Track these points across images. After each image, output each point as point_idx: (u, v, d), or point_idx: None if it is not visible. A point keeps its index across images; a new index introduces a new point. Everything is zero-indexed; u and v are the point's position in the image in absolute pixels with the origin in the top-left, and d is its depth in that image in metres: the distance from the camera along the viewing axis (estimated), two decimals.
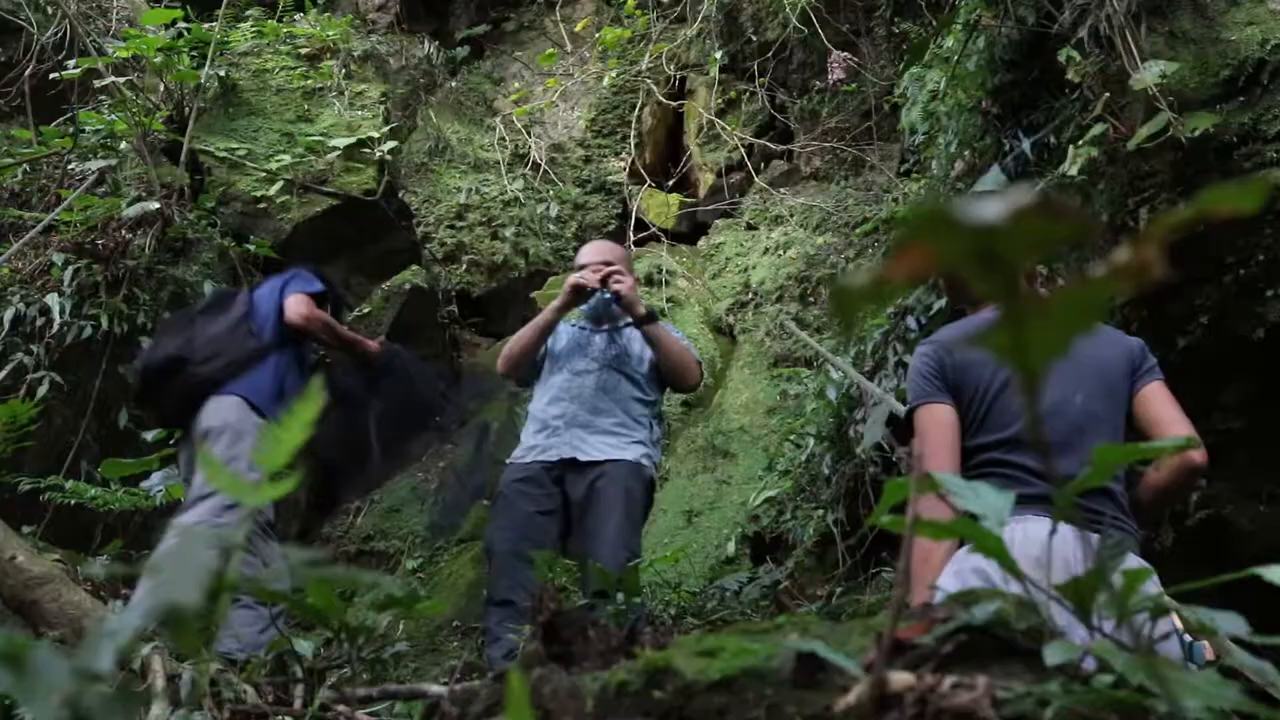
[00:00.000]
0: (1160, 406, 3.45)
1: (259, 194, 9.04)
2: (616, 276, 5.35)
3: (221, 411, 5.06)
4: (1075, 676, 1.12)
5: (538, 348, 5.59)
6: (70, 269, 7.43)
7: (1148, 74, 4.51)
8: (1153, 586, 3.16)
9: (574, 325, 5.66)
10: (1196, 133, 4.46)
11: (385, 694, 2.73)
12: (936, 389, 3.47)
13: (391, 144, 10.00)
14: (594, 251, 5.63)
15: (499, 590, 5.06)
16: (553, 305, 5.52)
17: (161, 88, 9.12)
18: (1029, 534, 3.08)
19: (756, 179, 12.33)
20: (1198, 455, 3.39)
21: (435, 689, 2.55)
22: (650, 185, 12.80)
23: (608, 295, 5.34)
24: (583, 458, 5.30)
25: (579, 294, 5.44)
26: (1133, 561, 3.05)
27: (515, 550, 5.04)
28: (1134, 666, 1.04)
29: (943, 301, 5.99)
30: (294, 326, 5.38)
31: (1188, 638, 3.08)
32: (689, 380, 5.62)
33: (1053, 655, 1.12)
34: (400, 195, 10.46)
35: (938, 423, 3.45)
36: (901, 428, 4.06)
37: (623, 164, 13.10)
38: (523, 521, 5.20)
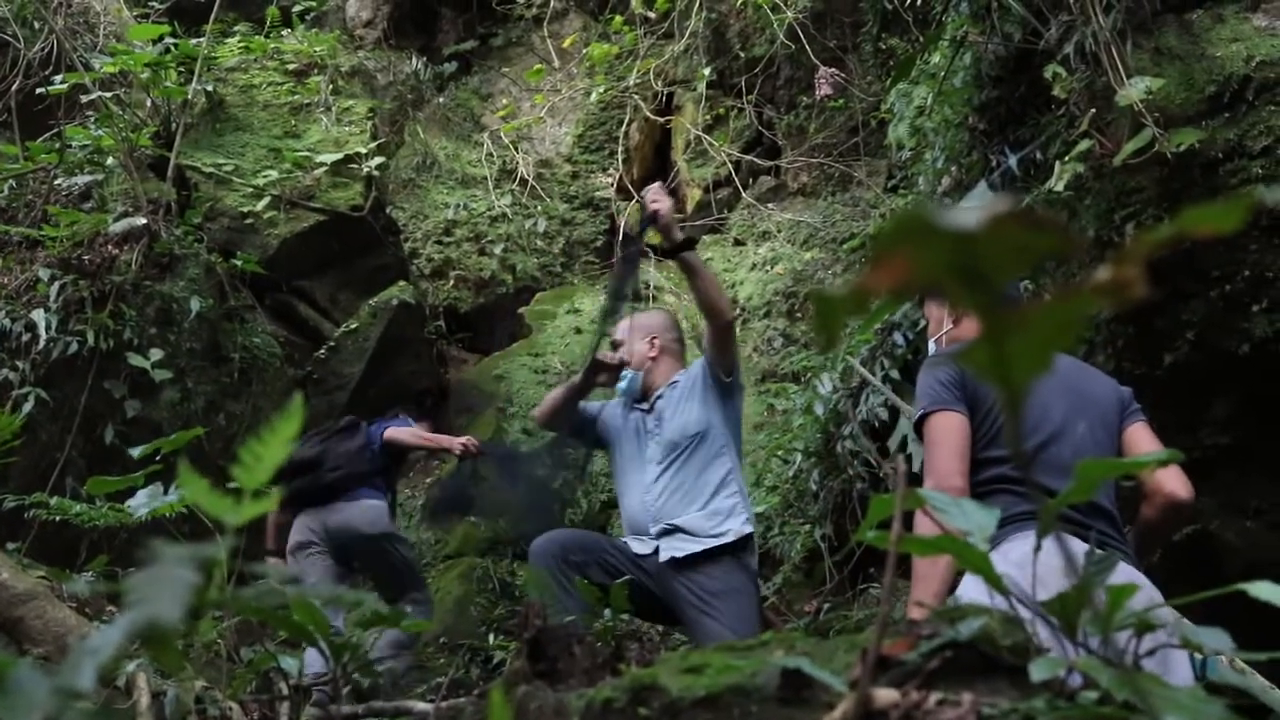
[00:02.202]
0: (1147, 445, 3.52)
1: (246, 209, 9.06)
2: (654, 196, 4.81)
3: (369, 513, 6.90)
4: (1061, 693, 1.11)
5: (568, 410, 5.20)
6: (56, 284, 7.41)
7: (1133, 90, 4.52)
8: (1154, 595, 3.18)
9: (624, 409, 5.22)
10: (1182, 148, 4.47)
11: (371, 711, 2.72)
12: (955, 397, 3.45)
13: (379, 160, 10.02)
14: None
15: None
16: (578, 379, 5.22)
17: (148, 103, 9.12)
18: (1049, 546, 3.08)
19: (744, 195, 12.34)
20: (1183, 493, 3.44)
21: (421, 706, 2.55)
22: (638, 201, 12.81)
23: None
24: (680, 554, 4.71)
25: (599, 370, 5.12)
26: (1126, 575, 3.05)
27: (556, 564, 4.61)
28: (1119, 682, 1.04)
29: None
30: (391, 444, 7.19)
31: (1199, 655, 3.07)
32: (721, 317, 4.86)
33: (1038, 671, 1.12)
34: (387, 211, 10.47)
35: (950, 429, 3.42)
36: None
37: (610, 180, 13.11)
38: (584, 541, 4.86)
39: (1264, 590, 1.22)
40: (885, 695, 1.06)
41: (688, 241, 4.87)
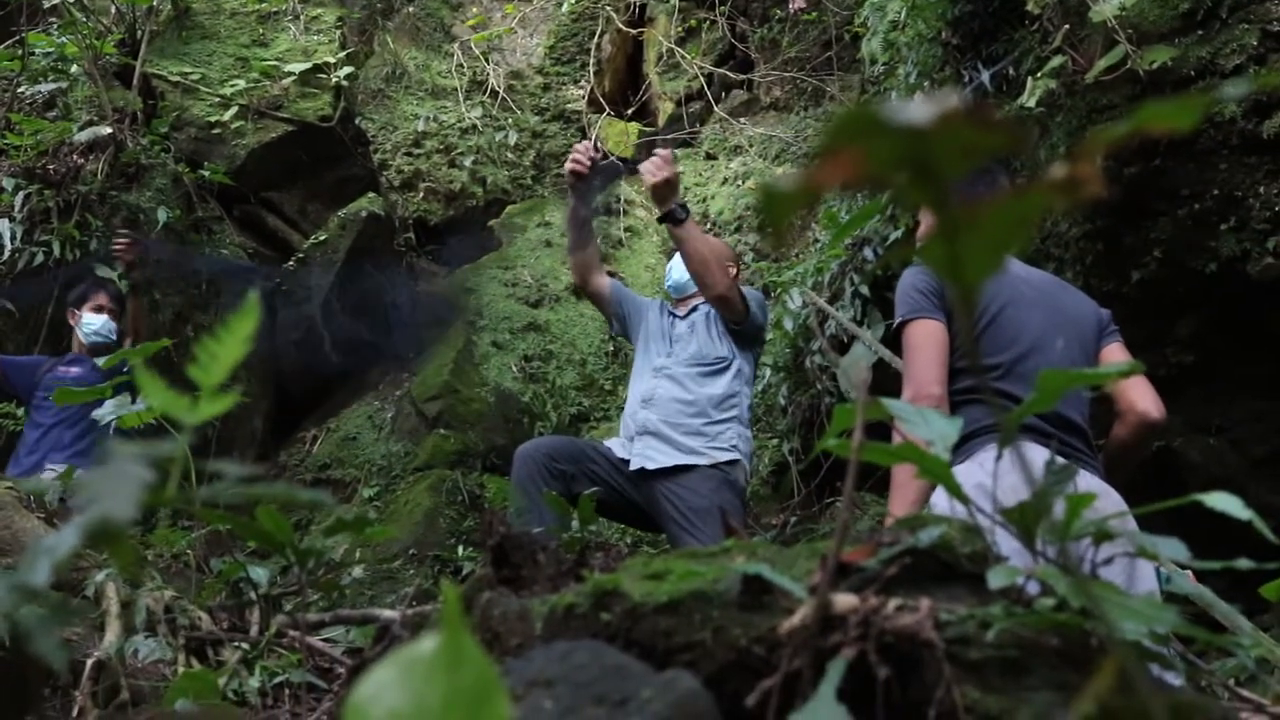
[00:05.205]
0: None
1: (213, 119, 8.95)
2: (657, 167, 4.85)
3: None
4: (1018, 600, 1.13)
5: (579, 245, 5.33)
6: (21, 194, 7.34)
7: (1107, 6, 4.50)
8: (1119, 504, 3.21)
9: (660, 311, 5.30)
10: (1154, 66, 4.46)
11: (338, 619, 2.74)
12: (933, 305, 3.45)
13: (348, 70, 9.90)
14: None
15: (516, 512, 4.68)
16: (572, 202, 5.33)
17: (113, 10, 8.98)
18: (1029, 459, 3.10)
19: (716, 109, 12.26)
20: (1155, 413, 3.47)
21: (388, 614, 2.56)
22: (609, 114, 12.71)
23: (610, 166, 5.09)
24: (651, 465, 4.77)
25: (577, 178, 5.16)
26: (1092, 487, 3.09)
27: (536, 472, 4.66)
28: (1076, 590, 1.05)
29: (899, 232, 6.00)
30: None
31: (1164, 570, 3.10)
32: (710, 290, 4.87)
33: (996, 579, 1.13)
34: (357, 122, 10.37)
35: (930, 336, 3.42)
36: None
37: (582, 92, 12.99)
38: (570, 450, 4.87)
39: (1219, 501, 1.23)
40: (844, 600, 1.07)
41: (672, 214, 4.84)
